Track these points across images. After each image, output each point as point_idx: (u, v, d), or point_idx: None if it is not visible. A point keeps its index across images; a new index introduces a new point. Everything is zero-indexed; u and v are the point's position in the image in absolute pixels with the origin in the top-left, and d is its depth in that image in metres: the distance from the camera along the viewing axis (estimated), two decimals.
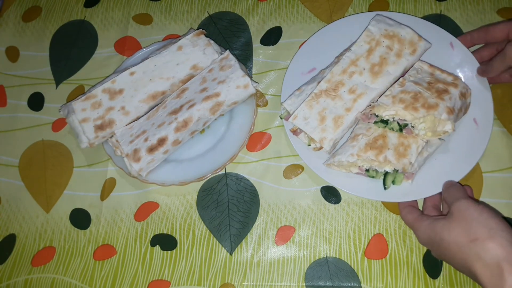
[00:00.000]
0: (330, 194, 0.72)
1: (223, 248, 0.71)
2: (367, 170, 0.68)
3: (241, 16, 0.86)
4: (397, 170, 0.66)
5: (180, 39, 0.76)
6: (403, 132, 0.67)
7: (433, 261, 0.67)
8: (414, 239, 0.68)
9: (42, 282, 0.72)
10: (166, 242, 0.72)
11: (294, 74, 0.76)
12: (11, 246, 0.75)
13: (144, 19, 0.88)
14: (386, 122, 0.67)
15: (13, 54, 0.88)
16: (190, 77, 0.75)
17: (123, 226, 0.73)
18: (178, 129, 0.70)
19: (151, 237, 0.72)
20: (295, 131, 0.71)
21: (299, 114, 0.69)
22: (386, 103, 0.66)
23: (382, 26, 0.72)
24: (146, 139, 0.70)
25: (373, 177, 0.68)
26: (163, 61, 0.75)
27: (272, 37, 0.84)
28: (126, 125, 0.73)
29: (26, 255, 0.74)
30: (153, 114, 0.73)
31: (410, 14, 0.81)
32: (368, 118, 0.68)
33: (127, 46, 0.86)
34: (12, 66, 0.87)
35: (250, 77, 0.74)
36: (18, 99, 0.84)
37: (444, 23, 0.80)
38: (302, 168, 0.74)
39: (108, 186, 0.76)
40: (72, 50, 0.87)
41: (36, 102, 0.84)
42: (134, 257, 0.72)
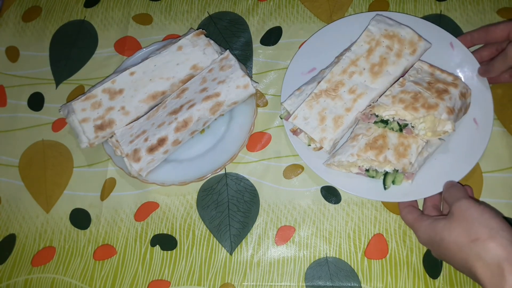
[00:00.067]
0: (330, 194, 0.72)
1: (223, 248, 0.71)
2: (367, 170, 0.68)
3: (241, 16, 0.86)
4: (397, 170, 0.66)
5: (180, 39, 0.76)
6: (403, 132, 0.67)
7: (433, 261, 0.67)
8: (414, 239, 0.68)
9: (42, 282, 0.72)
10: (166, 242, 0.72)
11: (294, 74, 0.76)
12: (11, 246, 0.75)
13: (144, 19, 0.88)
14: (386, 122, 0.67)
15: (13, 54, 0.88)
16: (190, 77, 0.75)
17: (123, 226, 0.73)
18: (178, 129, 0.70)
19: (151, 237, 0.72)
20: (295, 131, 0.71)
21: (299, 114, 0.69)
22: (386, 103, 0.66)
23: (382, 26, 0.72)
24: (146, 139, 0.70)
25: (373, 177, 0.68)
26: (163, 61, 0.75)
27: (272, 37, 0.84)
28: (126, 125, 0.73)
29: (26, 255, 0.74)
30: (153, 114, 0.73)
31: (410, 14, 0.81)
32: (368, 118, 0.68)
33: (127, 46, 0.86)
34: (12, 66, 0.87)
35: (250, 77, 0.74)
36: (18, 99, 0.84)
37: (444, 23, 0.80)
38: (302, 168, 0.74)
39: (108, 186, 0.76)
40: (72, 50, 0.87)
41: (36, 102, 0.84)
42: (134, 257, 0.72)
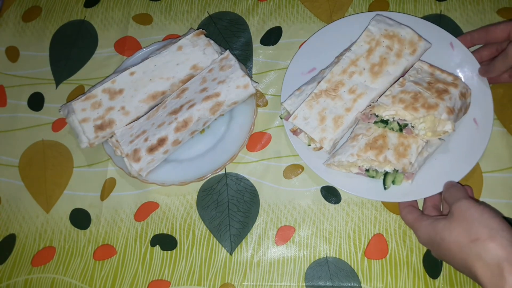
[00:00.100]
0: (330, 194, 0.72)
1: (223, 248, 0.71)
2: (367, 170, 0.68)
3: (241, 16, 0.86)
4: (397, 170, 0.66)
5: (180, 39, 0.76)
6: (403, 132, 0.67)
7: (433, 261, 0.67)
8: (414, 239, 0.68)
9: (42, 282, 0.72)
10: (166, 242, 0.72)
11: (294, 74, 0.76)
12: (11, 246, 0.75)
13: (144, 19, 0.88)
14: (386, 122, 0.67)
15: (13, 54, 0.88)
16: (190, 77, 0.75)
17: (123, 226, 0.73)
18: (178, 129, 0.70)
19: (151, 237, 0.72)
20: (295, 131, 0.71)
21: (299, 114, 0.68)
22: (386, 103, 0.66)
23: (382, 26, 0.72)
24: (146, 139, 0.70)
25: (373, 177, 0.68)
26: (163, 61, 0.75)
27: (272, 37, 0.84)
28: (126, 125, 0.73)
29: (26, 255, 0.74)
30: (153, 114, 0.73)
31: (410, 14, 0.81)
32: (368, 118, 0.68)
33: (127, 46, 0.86)
34: (12, 66, 0.87)
35: (250, 77, 0.74)
36: (18, 99, 0.84)
37: (444, 23, 0.80)
38: (302, 168, 0.74)
39: (108, 186, 0.76)
40: (72, 50, 0.87)
41: (36, 102, 0.84)
42: (134, 257, 0.72)
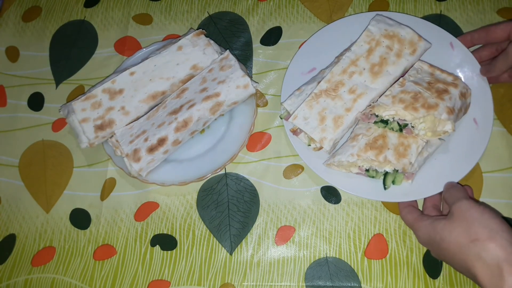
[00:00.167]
0: (330, 194, 0.72)
1: (223, 248, 0.71)
2: (367, 170, 0.68)
3: (241, 16, 0.86)
4: (397, 170, 0.66)
5: (180, 39, 0.76)
6: (403, 132, 0.67)
7: (433, 261, 0.66)
8: (414, 239, 0.68)
9: (42, 282, 0.72)
10: (166, 242, 0.72)
11: (294, 74, 0.76)
12: (11, 246, 0.75)
13: (144, 19, 0.88)
14: (386, 122, 0.67)
15: (13, 54, 0.88)
16: (190, 77, 0.75)
17: (123, 226, 0.73)
18: (178, 129, 0.70)
19: (151, 237, 0.72)
20: (295, 131, 0.71)
21: (299, 114, 0.68)
22: (386, 103, 0.66)
23: (382, 26, 0.72)
24: (146, 139, 0.70)
25: (373, 177, 0.68)
26: (163, 61, 0.75)
27: (272, 37, 0.84)
28: (126, 125, 0.73)
29: (26, 255, 0.74)
30: (153, 114, 0.73)
31: (410, 14, 0.81)
32: (368, 118, 0.68)
33: (127, 46, 0.86)
34: (12, 66, 0.87)
35: (250, 77, 0.74)
36: (18, 99, 0.84)
37: (444, 23, 0.80)
38: (302, 168, 0.74)
39: (108, 186, 0.76)
40: (72, 50, 0.87)
41: (36, 102, 0.84)
42: (134, 257, 0.72)
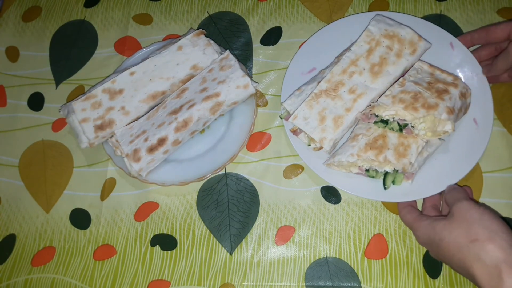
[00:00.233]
0: (330, 194, 0.72)
1: (223, 248, 0.71)
2: (367, 170, 0.68)
3: (241, 16, 0.86)
4: (397, 170, 0.66)
5: (180, 39, 0.76)
6: (403, 132, 0.67)
7: (433, 261, 0.66)
8: (414, 239, 0.68)
9: (42, 282, 0.72)
10: (166, 242, 0.72)
11: (294, 74, 0.76)
12: (11, 246, 0.75)
13: (144, 19, 0.88)
14: (386, 122, 0.67)
15: (13, 54, 0.88)
16: (190, 77, 0.75)
17: (123, 226, 0.73)
18: (178, 129, 0.70)
19: (151, 237, 0.72)
20: (295, 131, 0.71)
21: (299, 114, 0.68)
22: (386, 103, 0.66)
23: (382, 26, 0.72)
24: (146, 139, 0.70)
25: (373, 177, 0.68)
26: (163, 61, 0.75)
27: (272, 37, 0.84)
28: (126, 125, 0.73)
29: (26, 255, 0.74)
30: (153, 114, 0.73)
31: (410, 14, 0.81)
32: (368, 118, 0.68)
33: (127, 46, 0.86)
34: (12, 66, 0.87)
35: (250, 77, 0.74)
36: (18, 99, 0.84)
37: (444, 23, 0.80)
38: (302, 168, 0.74)
39: (108, 186, 0.76)
40: (72, 50, 0.87)
41: (36, 102, 0.84)
42: (134, 257, 0.72)
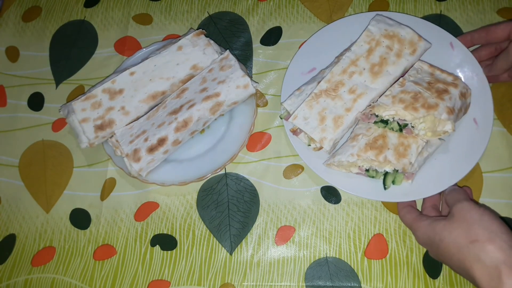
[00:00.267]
0: (330, 194, 0.72)
1: (223, 248, 0.71)
2: (367, 170, 0.68)
3: (241, 16, 0.86)
4: (397, 170, 0.66)
5: (180, 39, 0.76)
6: (403, 132, 0.67)
7: (433, 261, 0.66)
8: (414, 239, 0.68)
9: (42, 282, 0.72)
10: (166, 242, 0.72)
11: (294, 74, 0.76)
12: (11, 246, 0.75)
13: (144, 19, 0.88)
14: (386, 122, 0.67)
15: (13, 54, 0.88)
16: (190, 77, 0.75)
17: (123, 226, 0.73)
18: (178, 129, 0.70)
19: (151, 237, 0.72)
20: (295, 131, 0.71)
21: (299, 114, 0.68)
22: (386, 103, 0.66)
23: (382, 26, 0.72)
24: (146, 139, 0.70)
25: (373, 177, 0.68)
26: (163, 61, 0.75)
27: (272, 37, 0.84)
28: (126, 125, 0.73)
29: (26, 255, 0.74)
30: (153, 114, 0.73)
31: (410, 14, 0.81)
32: (368, 118, 0.68)
33: (127, 46, 0.86)
34: (12, 66, 0.87)
35: (250, 77, 0.74)
36: (18, 99, 0.84)
37: (444, 23, 0.80)
38: (302, 168, 0.74)
39: (108, 186, 0.76)
40: (72, 50, 0.87)
41: (36, 102, 0.84)
42: (134, 257, 0.72)
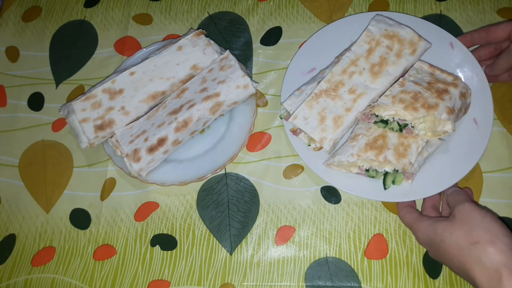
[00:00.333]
0: (330, 194, 0.72)
1: (223, 248, 0.71)
2: (367, 170, 0.68)
3: (241, 16, 0.86)
4: (397, 170, 0.66)
5: (180, 39, 0.76)
6: (403, 132, 0.67)
7: (433, 261, 0.66)
8: (414, 239, 0.68)
9: (42, 282, 0.72)
10: (166, 242, 0.72)
11: (294, 74, 0.76)
12: (11, 246, 0.75)
13: (144, 19, 0.88)
14: (386, 122, 0.67)
15: (13, 54, 0.88)
16: (190, 77, 0.75)
17: (123, 226, 0.73)
18: (178, 129, 0.70)
19: (151, 237, 0.72)
20: (295, 131, 0.71)
21: (299, 114, 0.68)
22: (386, 103, 0.66)
23: (382, 26, 0.72)
24: (146, 139, 0.70)
25: (373, 177, 0.68)
26: (163, 61, 0.75)
27: (272, 37, 0.84)
28: (126, 125, 0.73)
29: (26, 255, 0.74)
30: (153, 114, 0.73)
31: (410, 14, 0.81)
32: (368, 118, 0.68)
33: (127, 46, 0.86)
34: (12, 66, 0.87)
35: (250, 77, 0.74)
36: (18, 99, 0.84)
37: (444, 23, 0.80)
38: (302, 168, 0.74)
39: (108, 186, 0.76)
40: (72, 50, 0.87)
41: (36, 102, 0.84)
42: (134, 257, 0.72)
